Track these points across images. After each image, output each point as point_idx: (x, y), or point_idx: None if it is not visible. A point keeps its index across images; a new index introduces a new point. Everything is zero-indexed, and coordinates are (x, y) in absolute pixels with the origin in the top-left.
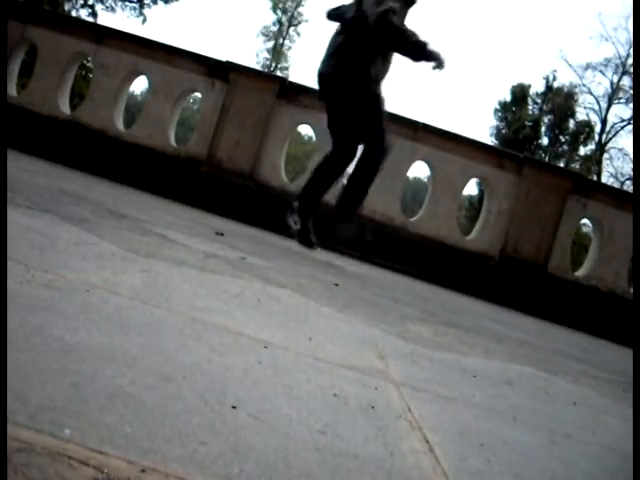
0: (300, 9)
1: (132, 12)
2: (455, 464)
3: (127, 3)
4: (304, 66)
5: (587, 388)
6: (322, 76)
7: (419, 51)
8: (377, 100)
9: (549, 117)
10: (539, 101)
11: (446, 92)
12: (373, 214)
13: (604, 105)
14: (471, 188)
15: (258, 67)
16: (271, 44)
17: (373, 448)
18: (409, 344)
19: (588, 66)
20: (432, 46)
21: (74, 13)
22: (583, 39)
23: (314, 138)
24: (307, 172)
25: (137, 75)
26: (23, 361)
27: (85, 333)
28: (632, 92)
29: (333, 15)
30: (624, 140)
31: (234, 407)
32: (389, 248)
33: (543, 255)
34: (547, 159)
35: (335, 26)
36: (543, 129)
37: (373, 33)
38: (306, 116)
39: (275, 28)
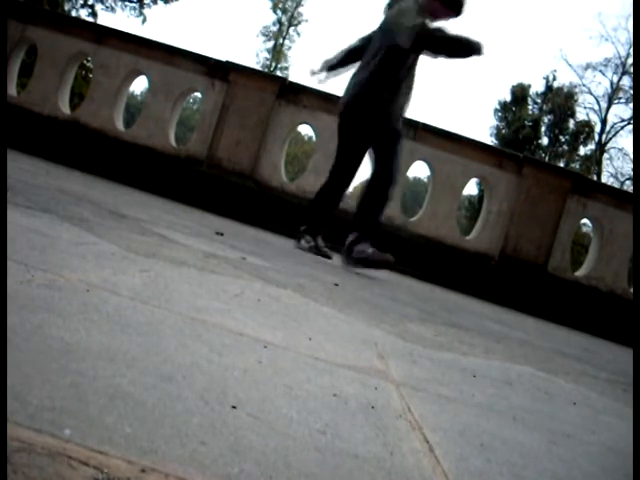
0: (300, 9)
1: (132, 12)
2: (455, 464)
3: (127, 3)
4: (304, 66)
5: (587, 388)
6: (345, 106)
7: (464, 47)
8: (398, 137)
9: (549, 117)
10: (539, 101)
11: (446, 92)
12: None
13: (604, 105)
14: (471, 188)
15: (258, 67)
16: (271, 44)
17: (373, 448)
18: (409, 344)
19: (588, 66)
20: (468, 36)
21: (74, 13)
22: (583, 39)
23: (314, 138)
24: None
25: (137, 75)
26: (23, 361)
27: (85, 333)
28: (632, 92)
29: (350, 56)
30: (624, 140)
31: (234, 407)
32: (389, 248)
33: (543, 255)
34: (547, 159)
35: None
36: (543, 129)
37: (413, 51)
38: (306, 116)
39: (275, 28)
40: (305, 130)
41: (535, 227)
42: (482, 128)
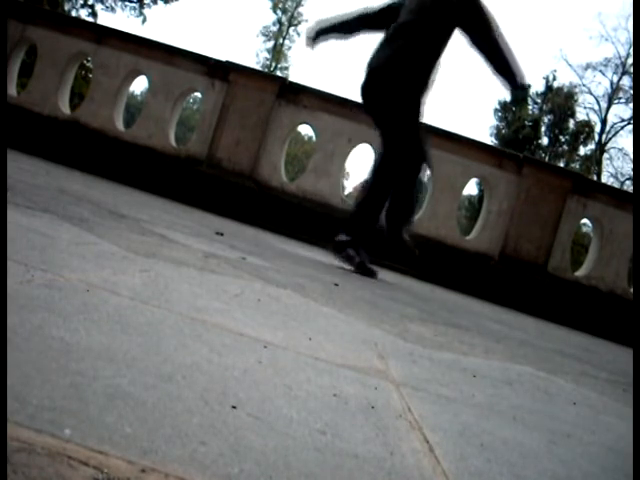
0: (300, 9)
1: (132, 12)
2: (455, 464)
3: (127, 3)
4: (304, 66)
5: (587, 388)
6: (377, 71)
7: (498, 53)
8: (418, 111)
9: (549, 117)
10: (539, 101)
11: (446, 92)
12: None
13: (604, 105)
14: (471, 188)
15: (258, 67)
16: (271, 44)
17: (373, 448)
18: (409, 344)
19: (588, 66)
20: (514, 56)
21: (74, 13)
22: (583, 39)
23: (314, 138)
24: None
25: (137, 75)
26: (23, 361)
27: (85, 333)
28: (632, 92)
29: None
30: (624, 140)
31: (234, 407)
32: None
33: (543, 255)
34: (547, 159)
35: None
36: (543, 129)
37: (456, 12)
38: (306, 116)
39: (275, 28)
40: (305, 130)
41: (535, 227)
42: (482, 128)
